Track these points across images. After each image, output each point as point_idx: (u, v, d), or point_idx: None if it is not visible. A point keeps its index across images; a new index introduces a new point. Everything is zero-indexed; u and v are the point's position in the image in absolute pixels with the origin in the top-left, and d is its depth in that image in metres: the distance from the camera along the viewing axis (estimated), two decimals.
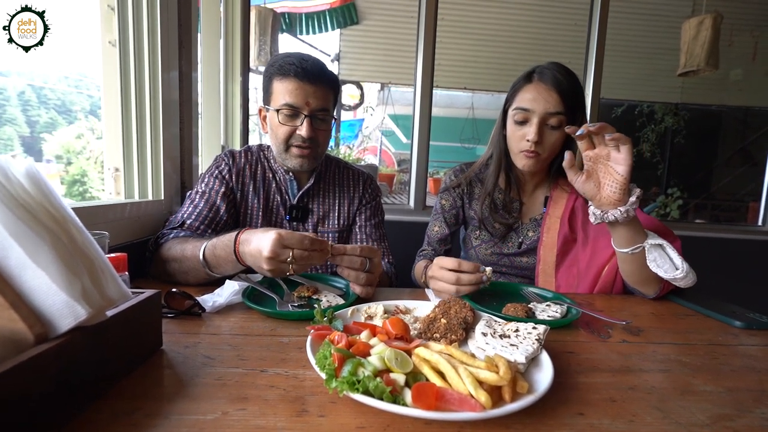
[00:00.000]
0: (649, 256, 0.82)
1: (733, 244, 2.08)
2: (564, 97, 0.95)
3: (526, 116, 0.97)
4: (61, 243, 0.38)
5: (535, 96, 0.96)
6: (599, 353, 0.61)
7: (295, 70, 0.94)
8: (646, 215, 0.95)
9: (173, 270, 0.85)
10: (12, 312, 0.34)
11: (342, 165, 1.19)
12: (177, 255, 0.84)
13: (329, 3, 4.08)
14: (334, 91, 1.03)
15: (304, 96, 0.95)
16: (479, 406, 0.39)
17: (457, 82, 4.24)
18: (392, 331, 0.54)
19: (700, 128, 4.82)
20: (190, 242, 0.85)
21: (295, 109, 0.96)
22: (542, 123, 0.96)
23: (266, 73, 1.00)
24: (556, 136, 0.98)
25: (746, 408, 0.47)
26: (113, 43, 1.12)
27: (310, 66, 0.95)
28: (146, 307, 0.50)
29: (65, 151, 7.92)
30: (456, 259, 0.82)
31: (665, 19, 3.72)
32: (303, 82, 0.95)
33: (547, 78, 0.96)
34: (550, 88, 0.95)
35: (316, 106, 0.97)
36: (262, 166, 1.10)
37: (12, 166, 0.38)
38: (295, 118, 0.97)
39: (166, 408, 0.41)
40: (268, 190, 1.09)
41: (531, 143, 0.96)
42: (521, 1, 3.78)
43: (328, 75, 0.99)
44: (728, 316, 0.78)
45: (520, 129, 0.99)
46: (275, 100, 0.97)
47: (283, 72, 0.95)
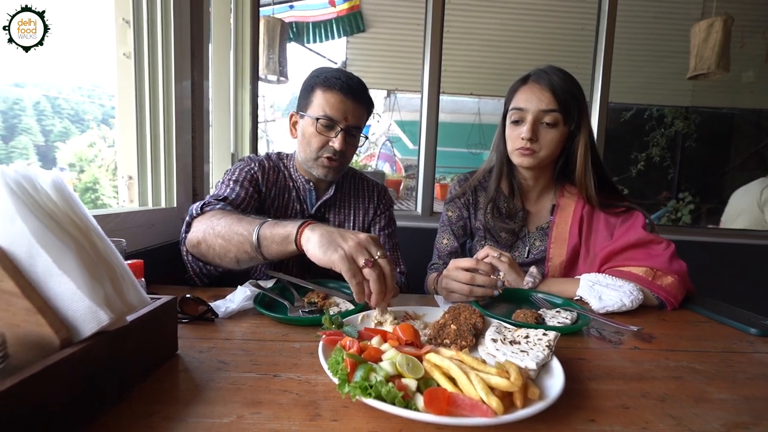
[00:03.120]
0: (592, 303, 0.84)
1: (748, 250, 2.04)
2: (557, 95, 0.97)
3: (521, 115, 1.00)
4: (85, 251, 0.40)
5: (529, 96, 0.99)
6: (611, 360, 0.61)
7: (341, 85, 0.98)
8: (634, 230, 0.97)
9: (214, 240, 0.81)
10: (39, 317, 0.36)
11: (358, 176, 1.22)
12: (226, 224, 0.81)
13: (336, 12, 4.14)
14: (369, 113, 1.07)
15: (344, 111, 0.99)
16: (491, 411, 0.39)
17: (464, 87, 4.26)
18: (403, 336, 0.55)
19: (711, 132, 4.75)
20: (245, 218, 0.81)
21: (333, 121, 0.99)
22: (536, 121, 0.99)
23: (309, 82, 1.03)
24: (552, 135, 0.99)
25: (763, 416, 0.46)
26: (128, 54, 1.16)
27: (355, 85, 1.01)
28: (163, 312, 0.51)
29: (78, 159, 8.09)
30: (472, 259, 0.83)
31: (674, 22, 3.70)
32: (346, 97, 0.99)
33: (541, 79, 1.00)
34: (543, 87, 0.99)
35: (353, 123, 1.01)
36: (282, 174, 1.12)
37: (39, 177, 0.39)
38: (331, 130, 1.00)
39: (182, 411, 0.42)
40: (288, 198, 1.11)
41: (525, 140, 0.99)
42: (528, 6, 3.79)
43: (368, 97, 1.04)
44: (743, 322, 0.77)
45: (516, 129, 1.02)
46: (315, 109, 1.00)
47: (328, 84, 0.99)
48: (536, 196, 1.13)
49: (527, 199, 1.13)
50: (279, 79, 2.88)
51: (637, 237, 0.95)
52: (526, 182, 1.11)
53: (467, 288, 0.80)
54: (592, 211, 1.05)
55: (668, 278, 0.88)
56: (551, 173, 1.10)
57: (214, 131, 1.77)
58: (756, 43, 3.83)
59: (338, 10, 4.13)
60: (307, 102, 1.02)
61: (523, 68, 1.07)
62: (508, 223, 1.10)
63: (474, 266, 0.82)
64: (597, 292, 0.85)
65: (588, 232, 1.04)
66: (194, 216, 0.89)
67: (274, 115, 6.03)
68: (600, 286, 0.87)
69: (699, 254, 2.00)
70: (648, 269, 0.89)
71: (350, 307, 0.78)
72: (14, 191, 0.36)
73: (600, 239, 1.02)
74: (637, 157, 4.76)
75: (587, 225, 1.04)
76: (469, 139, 5.55)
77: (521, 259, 1.11)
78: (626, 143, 4.75)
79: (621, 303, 0.82)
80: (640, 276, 0.88)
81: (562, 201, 1.09)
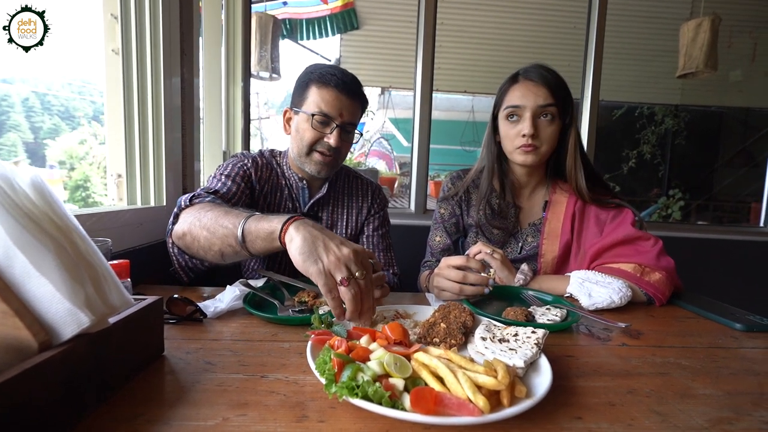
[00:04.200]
0: (582, 300, 0.85)
1: (735, 246, 2.07)
2: (552, 90, 0.98)
3: (518, 112, 1.00)
4: (65, 251, 0.39)
5: (524, 92, 1.00)
6: (599, 357, 0.61)
7: (336, 81, 0.98)
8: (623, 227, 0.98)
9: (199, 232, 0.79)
10: (16, 320, 0.35)
11: (352, 174, 1.21)
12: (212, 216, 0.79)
13: (330, 9, 4.11)
14: (363, 109, 1.07)
15: (340, 107, 0.98)
16: (477, 410, 0.39)
17: (457, 85, 4.26)
18: (391, 336, 0.55)
19: (700, 129, 4.81)
20: (232, 211, 0.79)
21: (328, 117, 0.99)
22: (535, 116, 0.99)
23: (303, 78, 1.02)
24: (551, 129, 1.00)
25: (745, 411, 0.47)
26: (116, 51, 1.14)
27: (350, 81, 1.00)
28: (148, 313, 0.51)
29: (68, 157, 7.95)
30: (463, 257, 0.84)
31: (663, 21, 3.73)
32: (342, 93, 0.98)
33: (533, 74, 1.00)
34: (537, 83, 0.99)
35: (348, 119, 1.01)
36: (275, 172, 1.11)
37: (17, 176, 0.38)
38: (326, 126, 1.00)
39: (167, 414, 0.42)
40: (280, 196, 1.10)
41: (527, 137, 0.98)
42: (519, 5, 3.80)
43: (362, 93, 1.04)
44: (728, 318, 0.78)
45: (514, 127, 1.02)
46: (310, 106, 0.99)
47: (324, 80, 0.98)
48: (529, 193, 1.14)
49: (520, 196, 1.14)
50: (272, 75, 2.85)
51: (626, 234, 0.95)
52: (520, 179, 1.11)
53: (458, 287, 0.81)
54: (584, 208, 1.06)
55: (656, 274, 0.89)
56: (544, 169, 1.10)
57: (205, 128, 1.76)
58: (743, 42, 3.88)
59: (332, 7, 4.10)
60: (302, 98, 1.01)
61: (516, 66, 1.08)
62: (501, 222, 1.10)
63: (465, 264, 0.82)
64: (587, 289, 0.86)
65: (579, 229, 1.05)
66: (182, 207, 0.87)
67: (269, 113, 5.97)
68: (590, 283, 0.87)
69: (689, 250, 2.03)
70: (636, 266, 0.90)
71: None
72: None
73: (590, 236, 1.03)
74: (628, 155, 4.81)
75: (579, 221, 1.05)
76: (462, 136, 5.56)
77: (514, 255, 1.11)
78: (617, 141, 4.79)
79: (610, 300, 0.83)
80: (629, 272, 0.89)
81: (554, 197, 1.09)
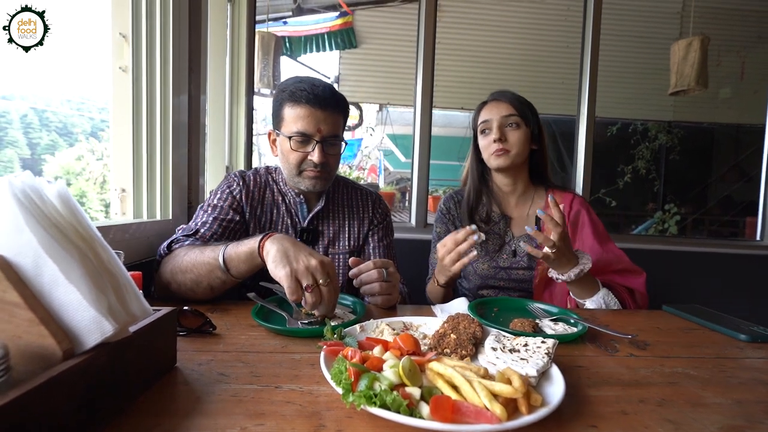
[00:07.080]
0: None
1: (733, 259, 2.09)
2: (513, 104, 1.16)
3: (488, 125, 1.17)
4: (89, 260, 0.40)
5: (491, 109, 1.18)
6: (608, 367, 0.62)
7: (307, 96, 0.94)
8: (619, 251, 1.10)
9: (183, 276, 0.83)
10: (42, 328, 0.36)
11: (350, 185, 1.19)
12: (192, 258, 0.83)
13: (328, 26, 4.22)
14: (344, 115, 1.03)
15: (316, 123, 0.95)
16: (495, 418, 0.39)
17: (454, 102, 4.34)
18: (404, 346, 0.55)
19: (693, 145, 4.90)
20: (208, 247, 0.84)
21: (306, 136, 0.96)
22: (501, 126, 1.15)
23: (277, 98, 1.00)
24: (518, 134, 1.14)
25: (757, 419, 0.48)
26: (124, 68, 1.17)
27: (321, 92, 0.95)
28: (164, 323, 0.51)
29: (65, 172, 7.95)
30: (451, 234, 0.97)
31: (655, 41, 3.85)
32: (315, 108, 0.95)
33: (497, 95, 1.20)
34: (501, 101, 1.18)
35: (328, 133, 0.97)
36: (271, 189, 1.09)
37: (45, 188, 0.40)
38: (307, 144, 0.97)
39: (184, 424, 0.42)
40: (278, 213, 1.08)
41: (497, 142, 1.13)
42: (516, 25, 3.91)
43: (338, 99, 0.99)
44: (733, 329, 0.79)
45: (486, 138, 1.18)
46: (287, 127, 0.97)
47: (294, 98, 0.95)
48: (515, 202, 1.24)
49: (507, 205, 1.24)
50: (272, 92, 2.91)
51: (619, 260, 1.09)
52: (503, 189, 1.23)
53: (452, 247, 0.94)
54: (578, 216, 1.15)
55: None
56: (526, 177, 1.22)
57: (210, 144, 1.78)
58: (731, 61, 4.00)
59: (330, 25, 4.21)
60: (279, 119, 0.99)
61: (512, 84, 1.15)
62: (490, 228, 1.20)
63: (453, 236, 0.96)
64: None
65: (574, 237, 1.13)
66: (162, 255, 0.91)
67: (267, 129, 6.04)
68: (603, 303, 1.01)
69: (687, 264, 2.05)
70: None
71: (351, 317, 0.78)
72: (22, 202, 0.36)
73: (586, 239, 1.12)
74: (624, 170, 4.88)
75: (571, 230, 1.14)
76: (460, 152, 5.61)
77: (508, 263, 1.17)
78: (613, 156, 4.87)
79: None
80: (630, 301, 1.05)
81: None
